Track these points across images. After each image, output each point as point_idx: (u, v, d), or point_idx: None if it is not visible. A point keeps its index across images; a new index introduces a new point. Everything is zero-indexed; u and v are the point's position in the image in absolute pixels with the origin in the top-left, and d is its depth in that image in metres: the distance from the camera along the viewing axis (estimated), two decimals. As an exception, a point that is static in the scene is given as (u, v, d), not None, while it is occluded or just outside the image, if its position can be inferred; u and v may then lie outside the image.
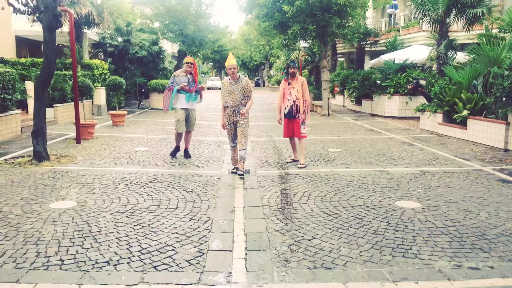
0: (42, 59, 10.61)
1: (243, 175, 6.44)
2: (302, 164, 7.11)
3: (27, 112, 12.67)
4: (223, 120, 6.65)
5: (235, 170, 6.62)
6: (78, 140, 9.25)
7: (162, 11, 22.68)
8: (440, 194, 5.53)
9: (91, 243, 3.84)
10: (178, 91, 7.61)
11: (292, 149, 7.69)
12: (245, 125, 6.51)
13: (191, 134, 8.07)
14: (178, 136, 7.83)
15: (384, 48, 20.90)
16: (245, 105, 6.47)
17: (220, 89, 7.64)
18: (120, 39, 19.11)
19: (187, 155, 7.90)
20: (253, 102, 6.64)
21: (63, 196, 5.31)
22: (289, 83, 7.19)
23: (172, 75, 7.82)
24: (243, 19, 39.54)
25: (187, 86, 7.62)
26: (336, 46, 23.23)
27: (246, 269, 3.41)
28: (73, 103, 10.91)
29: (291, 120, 7.24)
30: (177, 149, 7.96)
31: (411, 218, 4.60)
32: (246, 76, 7.15)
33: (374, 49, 22.87)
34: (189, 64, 7.66)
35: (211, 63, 59.02)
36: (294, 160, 7.49)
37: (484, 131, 9.37)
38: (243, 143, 6.48)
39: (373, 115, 16.54)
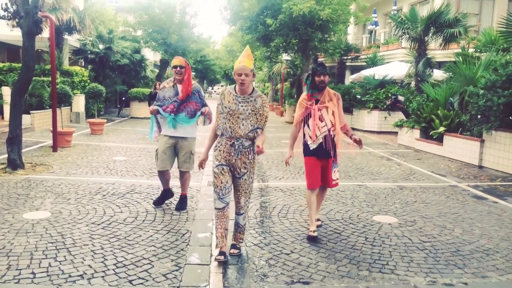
0: (20, 64, 10.42)
1: (239, 251, 3.96)
2: (319, 221, 4.89)
3: (2, 118, 12.37)
4: (207, 152, 3.95)
5: (222, 257, 3.70)
6: (54, 148, 9.07)
7: (145, 20, 22.62)
8: (416, 210, 5.62)
9: (64, 256, 3.75)
10: (157, 112, 5.07)
11: (310, 210, 4.54)
12: (250, 175, 3.87)
13: (189, 176, 5.42)
14: (160, 175, 5.32)
15: (364, 63, 21.29)
16: (252, 140, 3.80)
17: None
18: (101, 46, 18.94)
19: (182, 205, 5.33)
20: (266, 139, 3.96)
21: (37, 206, 5.18)
22: (317, 101, 4.46)
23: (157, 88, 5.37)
24: (227, 31, 39.78)
25: (170, 104, 5.02)
26: (318, 60, 23.55)
27: (224, 284, 3.38)
28: (50, 110, 10.70)
29: (323, 161, 4.53)
30: (165, 194, 5.42)
31: (388, 233, 4.65)
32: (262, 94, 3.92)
33: (354, 64, 23.26)
34: (178, 69, 4.97)
35: (194, 73, 59.01)
36: (314, 234, 4.41)
37: (460, 148, 9.59)
38: (242, 204, 3.88)
39: (353, 129, 16.73)
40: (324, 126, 4.45)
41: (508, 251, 4.22)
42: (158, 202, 5.40)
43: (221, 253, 3.75)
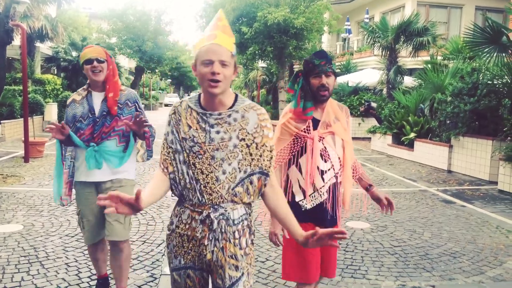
0: (-10, 73, 10.19)
1: None
2: None
3: (-29, 127, 12.03)
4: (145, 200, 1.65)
5: None
6: (26, 158, 8.89)
7: (120, 27, 22.49)
8: (387, 215, 5.78)
9: (37, 269, 3.71)
10: (66, 142, 2.79)
11: None
12: (249, 280, 1.86)
13: (128, 249, 3.08)
14: (94, 253, 3.15)
15: (338, 70, 21.67)
16: (246, 203, 1.82)
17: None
18: (74, 54, 18.69)
19: None
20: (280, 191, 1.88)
21: (9, 219, 5.09)
22: (315, 121, 2.43)
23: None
24: (202, 37, 39.66)
25: (86, 128, 2.82)
26: (293, 67, 23.85)
27: (199, 293, 3.41)
28: (22, 119, 10.50)
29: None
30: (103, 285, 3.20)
31: (360, 239, 4.78)
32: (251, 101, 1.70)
33: (329, 71, 23.65)
34: (95, 64, 2.78)
35: (170, 80, 58.59)
36: None
37: (430, 153, 9.90)
38: None
39: (328, 135, 17.02)
40: (330, 169, 2.41)
41: (474, 254, 4.41)
42: None
43: None
